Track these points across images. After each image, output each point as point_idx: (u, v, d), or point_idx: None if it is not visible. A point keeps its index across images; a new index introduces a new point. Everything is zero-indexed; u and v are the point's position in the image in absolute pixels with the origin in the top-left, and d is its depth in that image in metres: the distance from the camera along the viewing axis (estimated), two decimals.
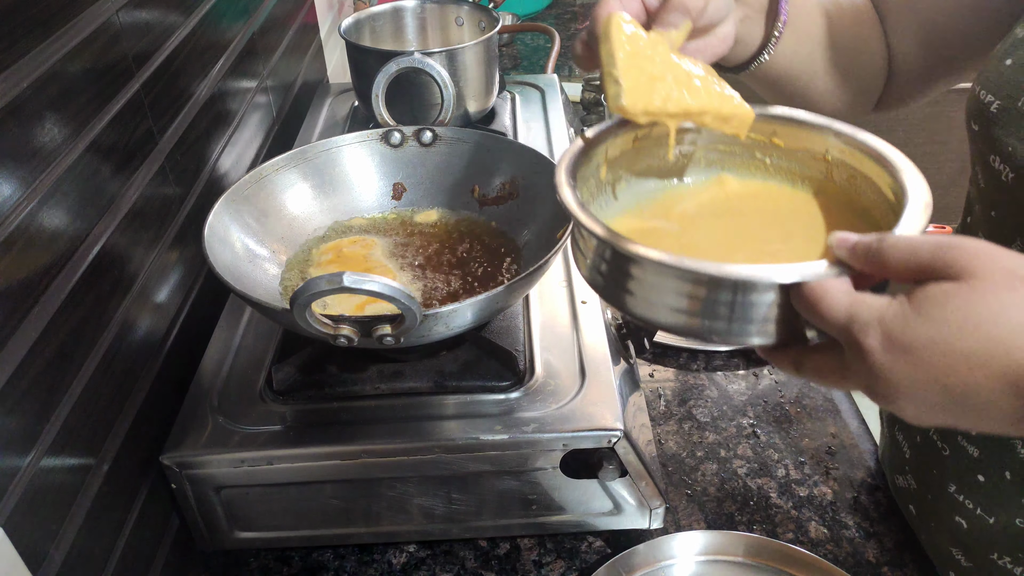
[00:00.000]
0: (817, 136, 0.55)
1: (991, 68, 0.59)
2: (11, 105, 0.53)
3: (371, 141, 0.88)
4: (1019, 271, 0.37)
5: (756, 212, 0.57)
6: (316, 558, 0.75)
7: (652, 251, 0.44)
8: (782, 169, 0.58)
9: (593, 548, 0.75)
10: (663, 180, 0.60)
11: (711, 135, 0.58)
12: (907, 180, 0.48)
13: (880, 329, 0.38)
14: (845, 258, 0.41)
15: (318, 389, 0.72)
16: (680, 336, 0.50)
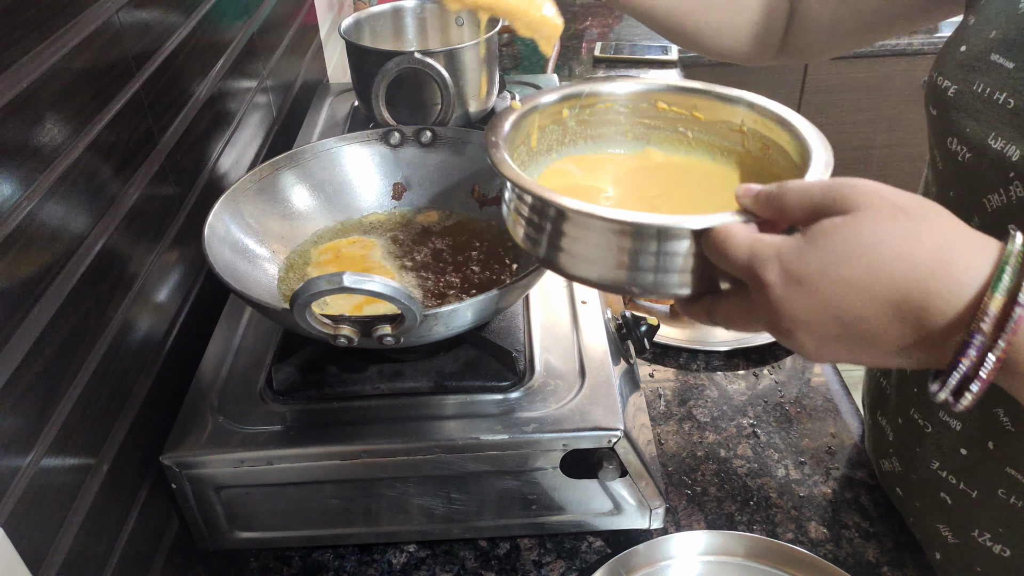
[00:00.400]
0: (733, 108, 0.59)
1: (947, 55, 0.62)
2: (11, 105, 0.53)
3: (371, 141, 0.88)
4: (900, 202, 0.39)
5: (679, 183, 0.60)
6: (316, 558, 0.75)
7: (582, 204, 0.47)
8: (703, 142, 0.61)
9: (593, 548, 0.75)
10: (591, 149, 0.63)
11: (637, 109, 0.62)
12: (811, 143, 0.51)
13: (778, 263, 0.40)
14: (748, 206, 0.45)
15: (318, 389, 0.72)
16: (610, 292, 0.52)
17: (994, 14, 0.59)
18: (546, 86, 1.26)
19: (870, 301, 0.38)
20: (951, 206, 0.60)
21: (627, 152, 0.63)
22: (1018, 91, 0.55)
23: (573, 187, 0.59)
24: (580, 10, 2.23)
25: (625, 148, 0.63)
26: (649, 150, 0.63)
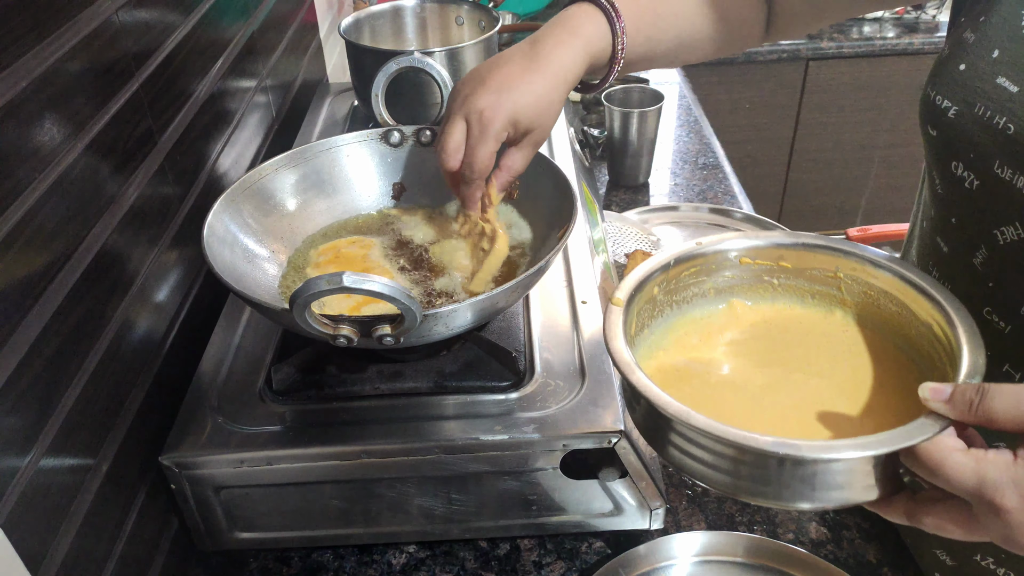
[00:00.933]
0: (824, 256, 0.59)
1: (944, 73, 0.59)
2: (10, 104, 0.53)
3: (371, 141, 0.87)
4: None
5: (789, 341, 0.59)
6: (316, 559, 0.75)
7: (781, 442, 0.44)
8: (790, 288, 0.61)
9: (593, 549, 0.75)
10: (678, 315, 0.62)
11: (720, 267, 0.62)
12: (932, 291, 0.52)
13: (1015, 490, 0.40)
14: (943, 411, 0.43)
15: (318, 389, 0.72)
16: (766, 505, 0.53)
17: (995, 32, 0.57)
18: None
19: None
20: (954, 234, 0.60)
21: (712, 310, 0.62)
22: (1018, 116, 0.53)
23: (686, 367, 0.58)
24: None
25: (708, 306, 0.62)
26: (734, 302, 0.62)
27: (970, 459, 0.42)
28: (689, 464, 0.50)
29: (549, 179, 0.79)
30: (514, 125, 0.67)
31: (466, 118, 0.68)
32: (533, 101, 0.67)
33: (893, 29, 2.00)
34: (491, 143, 0.67)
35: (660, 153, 1.45)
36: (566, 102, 1.25)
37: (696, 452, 0.49)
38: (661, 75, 1.81)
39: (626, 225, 1.19)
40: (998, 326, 0.58)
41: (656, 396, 0.49)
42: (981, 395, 0.42)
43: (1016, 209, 0.53)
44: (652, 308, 0.61)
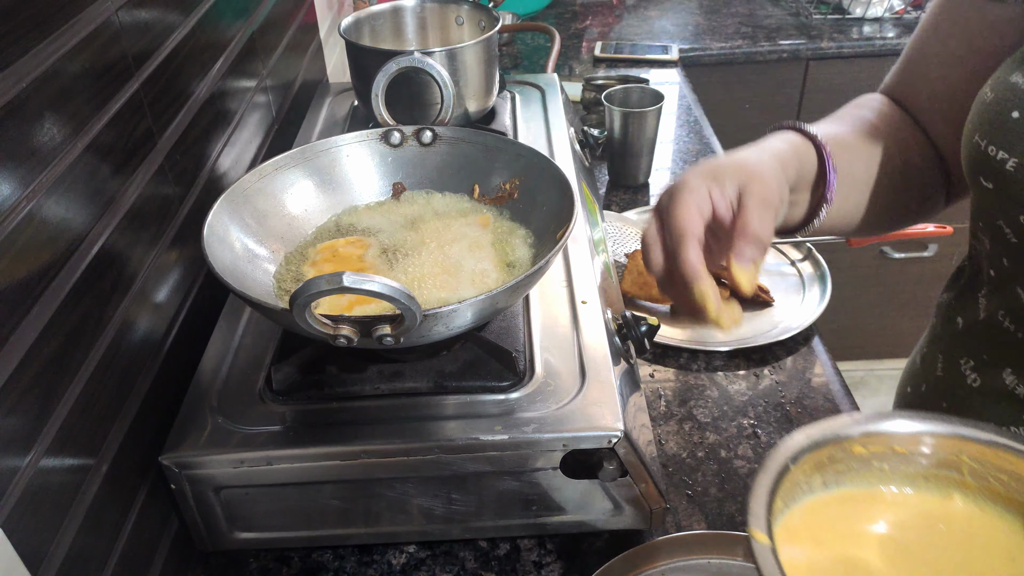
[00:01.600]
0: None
1: (994, 120, 0.57)
2: (10, 104, 0.53)
3: (371, 141, 0.87)
4: None
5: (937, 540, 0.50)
6: (316, 559, 0.75)
7: None
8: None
9: (593, 548, 0.75)
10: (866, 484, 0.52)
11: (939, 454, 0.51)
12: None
13: None
14: None
15: (318, 389, 0.72)
16: None
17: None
18: (546, 86, 1.27)
19: None
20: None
21: (920, 493, 0.51)
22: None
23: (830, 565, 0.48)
24: (580, 9, 2.23)
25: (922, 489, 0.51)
26: (954, 496, 0.51)
27: None
28: None
29: (549, 179, 0.79)
30: (716, 182, 0.57)
31: (656, 212, 0.59)
32: (738, 161, 0.59)
33: (893, 29, 2.00)
34: (685, 201, 0.56)
35: (660, 153, 1.45)
36: (566, 102, 1.25)
37: None
38: (661, 75, 1.81)
39: (626, 225, 1.19)
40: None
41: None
42: None
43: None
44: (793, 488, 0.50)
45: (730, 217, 0.57)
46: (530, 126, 1.15)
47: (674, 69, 1.84)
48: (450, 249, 0.81)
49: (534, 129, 1.15)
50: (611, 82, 1.56)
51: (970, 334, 0.68)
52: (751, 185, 0.57)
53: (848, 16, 2.07)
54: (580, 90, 1.62)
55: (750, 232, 0.55)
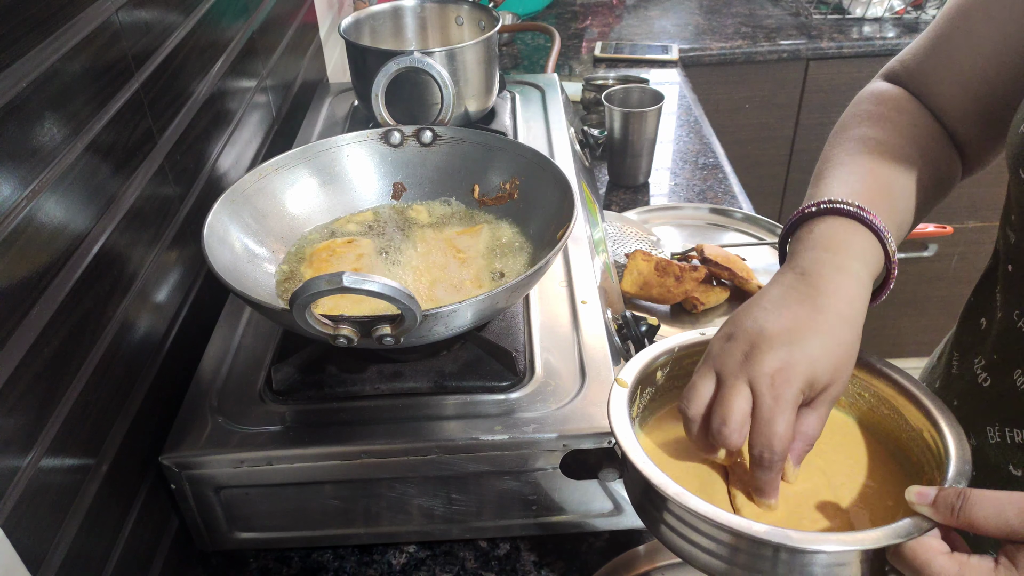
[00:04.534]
0: None
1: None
2: (10, 104, 0.53)
3: (371, 141, 0.87)
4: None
5: None
6: (316, 559, 0.75)
7: (769, 530, 0.46)
8: None
9: (593, 549, 0.75)
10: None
11: None
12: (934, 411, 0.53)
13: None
14: (928, 513, 0.45)
15: (318, 389, 0.72)
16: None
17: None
18: (546, 86, 1.27)
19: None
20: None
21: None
22: None
23: (686, 450, 0.58)
24: (580, 9, 2.23)
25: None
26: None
27: (954, 563, 0.43)
28: (681, 545, 0.52)
29: (549, 179, 0.79)
30: (811, 385, 0.53)
31: (750, 382, 0.52)
32: (831, 351, 0.53)
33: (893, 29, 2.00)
34: (789, 412, 0.52)
35: (660, 153, 1.45)
36: (566, 102, 1.25)
37: (690, 535, 0.51)
38: (661, 75, 1.81)
39: (626, 225, 1.19)
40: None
41: (655, 476, 0.50)
42: (963, 501, 0.44)
43: None
44: (654, 391, 0.62)
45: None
46: (530, 126, 1.15)
47: (674, 69, 1.84)
48: (449, 251, 0.81)
49: (534, 129, 1.15)
50: (611, 82, 1.56)
51: (987, 334, 0.68)
52: (834, 389, 0.54)
53: (848, 16, 2.07)
54: (580, 90, 1.62)
55: (810, 438, 0.54)
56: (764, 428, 0.52)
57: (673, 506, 0.50)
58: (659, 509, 0.53)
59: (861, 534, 0.46)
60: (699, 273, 1.01)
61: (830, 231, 0.58)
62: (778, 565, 0.48)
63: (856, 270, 0.56)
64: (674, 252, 1.14)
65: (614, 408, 0.57)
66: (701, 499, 0.49)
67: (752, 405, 0.52)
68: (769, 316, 0.54)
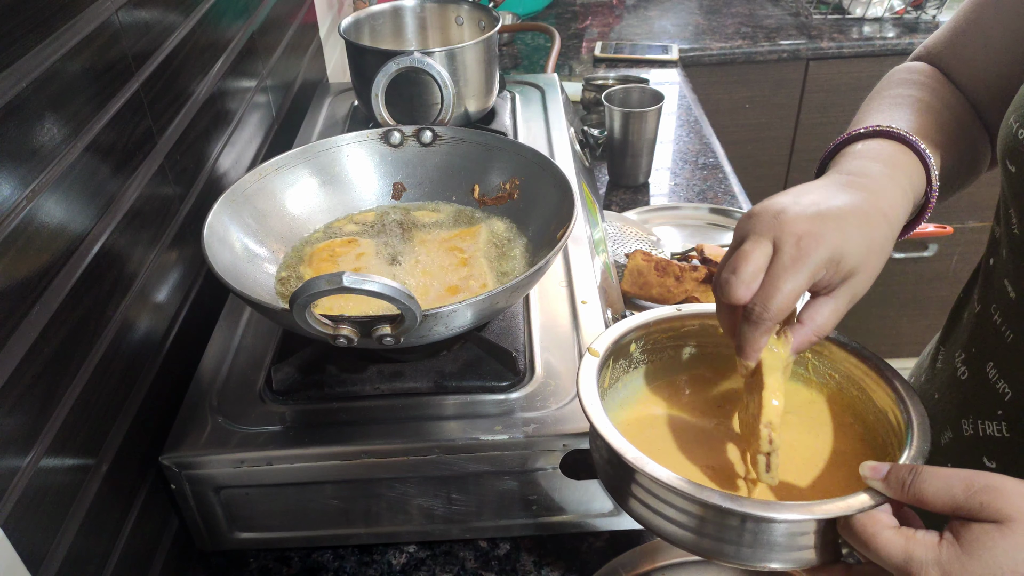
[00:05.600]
0: None
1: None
2: (10, 104, 0.53)
3: (371, 141, 0.87)
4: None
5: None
6: (316, 559, 0.75)
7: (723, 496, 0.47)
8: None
9: (593, 549, 0.75)
10: (653, 375, 0.64)
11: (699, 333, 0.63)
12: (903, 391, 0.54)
13: (939, 570, 0.42)
14: (880, 488, 0.46)
15: (318, 389, 0.72)
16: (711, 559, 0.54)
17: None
18: (546, 86, 1.27)
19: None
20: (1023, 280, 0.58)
21: (685, 374, 0.64)
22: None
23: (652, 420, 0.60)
24: (580, 9, 2.23)
25: (682, 369, 0.64)
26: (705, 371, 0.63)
27: (900, 537, 0.44)
28: (640, 511, 0.52)
29: (549, 179, 0.79)
30: (837, 263, 0.50)
31: (775, 241, 0.50)
32: (867, 237, 0.51)
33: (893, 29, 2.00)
34: (803, 277, 0.50)
35: (660, 153, 1.45)
36: (566, 102, 1.25)
37: (649, 500, 0.51)
38: (661, 75, 1.81)
39: (626, 225, 1.19)
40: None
41: (616, 441, 0.51)
42: (913, 476, 0.45)
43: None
44: (628, 364, 0.63)
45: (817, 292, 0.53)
46: (530, 126, 1.15)
47: (674, 69, 1.84)
48: (448, 251, 0.81)
49: (534, 129, 1.15)
50: (611, 82, 1.56)
51: (968, 328, 0.69)
52: (859, 281, 0.52)
53: (848, 16, 2.07)
54: (580, 90, 1.62)
55: (820, 330, 0.53)
56: (770, 283, 0.50)
57: (635, 472, 0.50)
58: (620, 473, 0.53)
59: (812, 504, 0.47)
60: (699, 273, 1.01)
61: (878, 147, 0.58)
62: (733, 533, 0.48)
63: (903, 183, 0.56)
64: (674, 252, 1.14)
65: (583, 376, 0.57)
66: (658, 463, 0.49)
67: (770, 263, 0.50)
68: (811, 191, 0.52)
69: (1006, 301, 0.61)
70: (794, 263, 0.49)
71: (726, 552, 0.49)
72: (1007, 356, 0.61)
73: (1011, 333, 0.60)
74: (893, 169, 0.56)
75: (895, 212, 0.54)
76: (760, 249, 0.50)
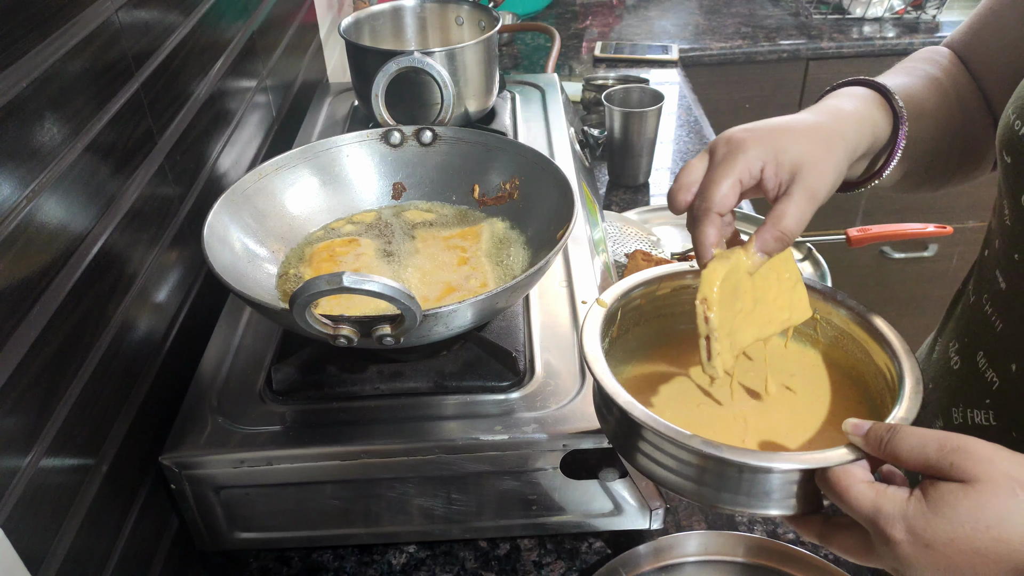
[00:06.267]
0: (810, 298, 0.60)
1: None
2: (10, 105, 0.53)
3: (371, 141, 0.87)
4: (1016, 474, 0.43)
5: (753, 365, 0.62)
6: (316, 559, 0.75)
7: (692, 437, 0.50)
8: None
9: (593, 549, 0.75)
10: (664, 327, 0.65)
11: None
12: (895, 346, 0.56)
13: (904, 524, 0.44)
14: (859, 444, 0.48)
15: (318, 389, 0.72)
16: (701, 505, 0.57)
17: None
18: (546, 86, 1.27)
19: (995, 569, 0.43)
20: (1013, 270, 0.59)
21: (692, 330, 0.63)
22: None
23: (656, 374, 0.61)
24: (580, 9, 2.23)
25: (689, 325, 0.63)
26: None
27: (871, 490, 0.46)
28: (637, 457, 0.55)
29: (549, 179, 0.79)
30: (776, 160, 0.53)
31: (712, 150, 0.55)
32: (806, 137, 0.54)
33: (893, 29, 2.00)
34: (735, 168, 0.53)
35: (660, 153, 1.45)
36: (566, 102, 1.25)
37: (642, 446, 0.54)
38: (661, 75, 1.81)
39: (626, 225, 1.19)
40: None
41: (610, 386, 0.53)
42: (891, 434, 0.47)
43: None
44: (637, 316, 0.64)
45: (773, 196, 0.55)
46: (530, 126, 1.15)
47: (674, 69, 1.84)
48: (449, 251, 0.81)
49: (534, 129, 1.15)
50: (611, 82, 1.56)
51: (961, 318, 0.70)
52: (808, 174, 0.54)
53: (848, 16, 2.07)
54: (580, 90, 1.62)
55: (783, 227, 0.54)
56: (706, 180, 0.54)
57: (626, 415, 0.52)
58: (612, 413, 0.56)
59: (792, 455, 0.49)
60: None
61: (858, 92, 0.62)
62: (718, 478, 0.51)
63: (865, 120, 0.59)
64: (674, 252, 1.14)
65: (588, 325, 0.58)
66: (648, 409, 0.52)
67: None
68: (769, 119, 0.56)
69: (997, 291, 0.62)
70: (724, 159, 0.54)
71: (703, 494, 0.52)
72: (996, 345, 0.62)
73: (1000, 323, 0.61)
74: (858, 103, 0.60)
75: (850, 133, 0.57)
76: (699, 160, 0.55)
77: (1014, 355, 0.59)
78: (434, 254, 0.81)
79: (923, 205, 2.08)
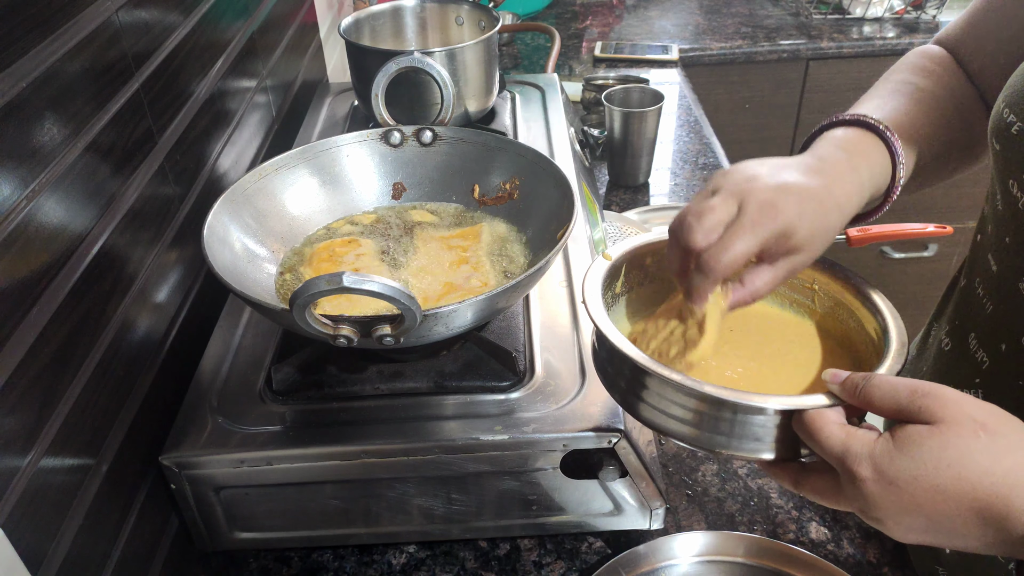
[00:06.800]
0: (808, 269, 0.61)
1: (1015, 85, 0.58)
2: (10, 104, 0.53)
3: (371, 141, 0.87)
4: (980, 417, 0.44)
5: (750, 330, 0.64)
6: (316, 559, 0.75)
7: (676, 375, 0.52)
8: (780, 295, 0.66)
9: (593, 549, 0.75)
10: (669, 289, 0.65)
11: None
12: (886, 315, 0.58)
13: (871, 462, 0.45)
14: (836, 391, 0.50)
15: (318, 389, 0.72)
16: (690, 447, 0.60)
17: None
18: (546, 86, 1.27)
19: (956, 506, 0.44)
20: (1004, 254, 0.60)
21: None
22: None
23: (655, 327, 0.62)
24: (580, 9, 2.23)
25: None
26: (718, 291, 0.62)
27: (842, 432, 0.47)
28: (631, 400, 0.57)
29: (549, 179, 0.79)
30: (787, 237, 0.54)
31: (741, 202, 0.54)
32: (818, 221, 0.55)
33: (893, 29, 2.00)
34: (756, 240, 0.53)
35: (660, 153, 1.45)
36: (566, 102, 1.25)
37: (635, 388, 0.56)
38: (661, 75, 1.81)
39: (626, 225, 1.19)
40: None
41: (604, 325, 0.55)
42: (866, 381, 0.48)
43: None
44: (642, 275, 0.65)
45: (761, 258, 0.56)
46: (530, 126, 1.15)
47: (674, 69, 1.84)
48: (449, 251, 0.81)
49: (534, 129, 1.15)
50: (611, 82, 1.56)
51: (954, 302, 0.71)
52: (800, 257, 0.56)
53: (848, 16, 2.07)
54: (580, 90, 1.62)
55: (757, 295, 0.56)
56: (727, 239, 0.53)
57: (615, 354, 0.54)
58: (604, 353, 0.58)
59: (772, 396, 0.51)
60: None
61: (854, 137, 0.62)
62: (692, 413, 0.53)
63: (864, 179, 0.60)
64: None
65: (590, 276, 0.60)
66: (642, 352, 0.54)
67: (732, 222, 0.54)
68: (782, 167, 0.57)
69: (989, 274, 0.63)
70: (752, 226, 0.53)
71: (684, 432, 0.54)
72: (987, 326, 0.63)
73: (991, 304, 0.62)
74: (858, 160, 0.60)
75: (849, 202, 0.58)
76: (726, 206, 0.54)
77: (1003, 335, 0.61)
78: (434, 254, 0.81)
79: (923, 205, 2.08)
